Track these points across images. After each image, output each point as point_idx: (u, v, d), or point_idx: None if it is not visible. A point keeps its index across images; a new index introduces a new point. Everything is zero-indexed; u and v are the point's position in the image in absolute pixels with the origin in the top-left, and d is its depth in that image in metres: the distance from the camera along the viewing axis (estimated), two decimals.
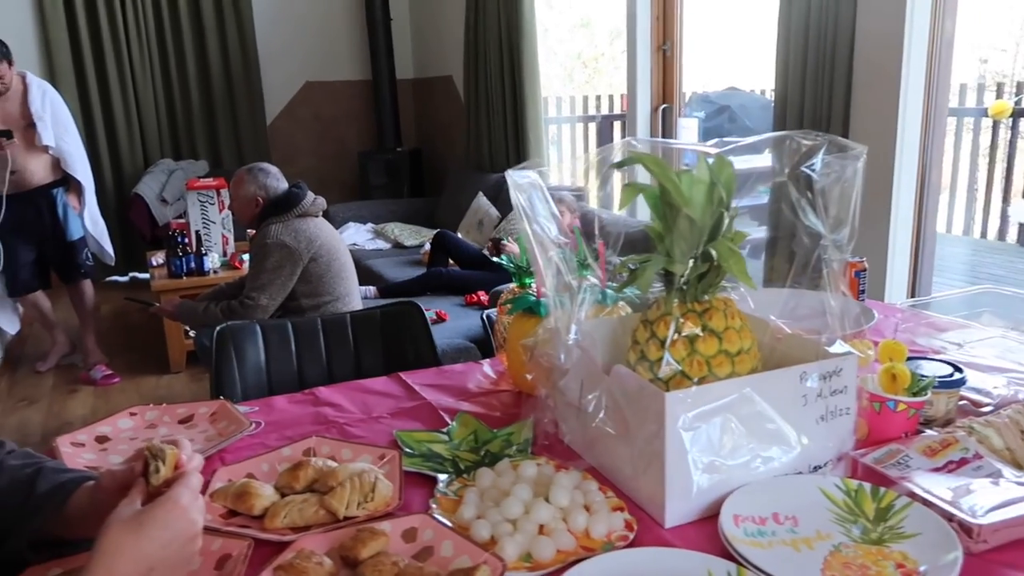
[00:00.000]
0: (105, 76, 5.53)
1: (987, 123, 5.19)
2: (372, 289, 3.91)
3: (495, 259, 3.89)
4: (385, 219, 5.39)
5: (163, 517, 0.72)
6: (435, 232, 4.32)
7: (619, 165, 1.08)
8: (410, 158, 6.06)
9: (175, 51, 5.75)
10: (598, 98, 7.03)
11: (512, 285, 1.49)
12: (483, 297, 3.66)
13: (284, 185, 2.91)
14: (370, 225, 5.31)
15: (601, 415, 1.07)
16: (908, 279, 2.89)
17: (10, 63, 3.53)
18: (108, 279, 5.52)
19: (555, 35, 7.95)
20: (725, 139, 1.07)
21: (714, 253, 1.02)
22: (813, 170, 1.05)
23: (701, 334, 1.02)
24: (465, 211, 4.83)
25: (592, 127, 6.83)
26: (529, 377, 1.20)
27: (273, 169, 2.95)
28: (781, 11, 2.99)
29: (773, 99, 3.14)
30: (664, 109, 4.01)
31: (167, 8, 5.66)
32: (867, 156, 1.08)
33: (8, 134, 3.54)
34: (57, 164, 3.78)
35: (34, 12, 5.36)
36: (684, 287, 1.05)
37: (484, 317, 1.72)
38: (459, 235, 4.40)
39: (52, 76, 5.28)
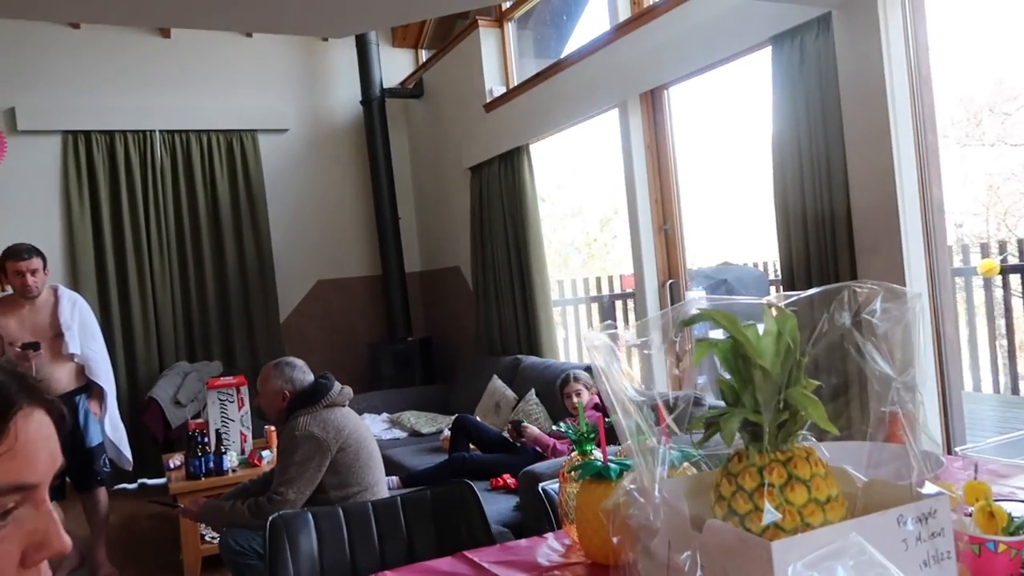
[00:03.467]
0: (126, 282, 5.72)
1: (978, 282, 5.37)
2: (395, 479, 3.83)
3: (518, 442, 3.85)
4: (398, 408, 5.38)
5: None
6: (454, 417, 4.30)
7: (689, 323, 1.13)
8: (420, 347, 6.15)
9: (194, 257, 6.00)
10: (598, 279, 7.28)
11: (575, 454, 1.49)
12: (509, 480, 3.60)
13: (310, 377, 2.96)
14: (385, 415, 5.29)
15: (698, 574, 1.04)
16: (941, 433, 2.88)
17: (44, 263, 3.69)
18: (117, 487, 5.39)
19: (549, 224, 8.39)
20: (787, 292, 1.13)
21: (793, 402, 1.05)
22: (874, 316, 1.10)
23: (791, 480, 1.02)
24: (480, 395, 4.85)
25: (595, 307, 7.04)
26: (615, 540, 1.17)
27: (299, 362, 3.01)
28: (776, 188, 3.20)
29: (778, 269, 3.28)
30: (671, 284, 4.16)
31: (188, 215, 5.97)
32: None
33: (35, 345, 3.61)
34: (81, 371, 3.83)
35: (63, 219, 5.64)
36: (765, 438, 1.06)
37: (541, 491, 1.69)
38: (478, 418, 4.39)
39: (75, 281, 5.48)
